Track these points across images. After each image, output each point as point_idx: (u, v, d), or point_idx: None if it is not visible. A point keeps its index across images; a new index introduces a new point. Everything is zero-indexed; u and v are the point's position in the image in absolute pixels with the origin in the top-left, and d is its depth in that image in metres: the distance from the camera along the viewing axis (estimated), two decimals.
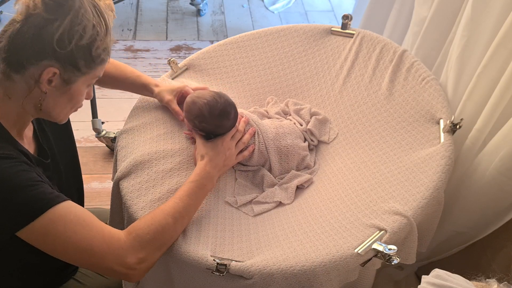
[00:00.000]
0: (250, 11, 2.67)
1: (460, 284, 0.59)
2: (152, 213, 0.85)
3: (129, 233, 0.80)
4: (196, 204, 0.92)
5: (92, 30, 0.75)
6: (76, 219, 0.76)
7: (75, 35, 0.74)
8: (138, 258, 0.79)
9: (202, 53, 1.28)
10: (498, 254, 1.08)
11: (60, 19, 0.73)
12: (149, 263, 0.82)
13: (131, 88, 1.13)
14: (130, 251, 0.78)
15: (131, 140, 1.07)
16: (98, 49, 0.77)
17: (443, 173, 0.94)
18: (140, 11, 2.56)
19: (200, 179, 0.93)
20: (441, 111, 1.05)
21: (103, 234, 0.78)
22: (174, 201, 0.88)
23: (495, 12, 0.99)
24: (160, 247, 0.84)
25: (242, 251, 0.89)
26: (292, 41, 1.30)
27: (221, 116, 1.01)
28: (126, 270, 0.79)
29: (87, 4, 0.75)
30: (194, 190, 0.91)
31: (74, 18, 0.73)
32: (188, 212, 0.89)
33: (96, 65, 0.79)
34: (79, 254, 0.76)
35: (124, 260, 0.78)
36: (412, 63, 1.14)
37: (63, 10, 0.73)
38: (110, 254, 0.77)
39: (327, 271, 0.82)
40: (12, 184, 0.71)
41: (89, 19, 0.75)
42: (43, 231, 0.73)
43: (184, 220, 0.88)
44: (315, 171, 1.13)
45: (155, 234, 0.81)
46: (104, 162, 1.79)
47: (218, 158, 0.99)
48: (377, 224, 0.88)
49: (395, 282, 1.34)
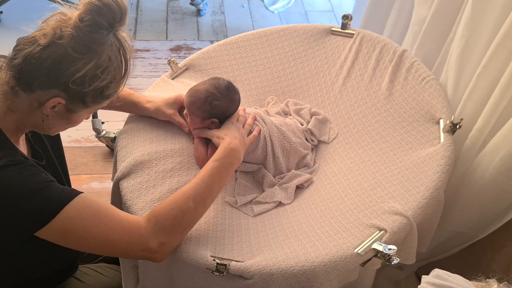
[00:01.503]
0: (250, 11, 2.67)
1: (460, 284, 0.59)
2: (173, 197, 0.84)
3: (149, 219, 0.80)
4: (221, 183, 0.89)
5: (111, 75, 0.75)
6: (92, 212, 0.76)
7: (95, 80, 0.74)
8: (160, 242, 0.79)
9: (202, 53, 1.28)
10: (498, 254, 1.08)
11: (85, 61, 0.73)
12: (171, 245, 0.83)
13: (122, 107, 1.09)
14: (151, 236, 0.79)
15: (131, 140, 1.07)
16: (110, 90, 0.79)
17: (443, 173, 0.94)
18: (140, 11, 2.56)
19: (224, 157, 0.90)
20: (441, 111, 1.05)
21: (122, 223, 0.78)
22: (196, 182, 0.85)
23: (495, 12, 0.99)
24: (182, 230, 0.84)
25: (242, 251, 0.89)
26: (292, 41, 1.30)
27: (229, 89, 1.02)
28: (150, 254, 0.80)
29: (115, 48, 0.75)
30: (218, 170, 0.88)
31: (99, 64, 0.73)
32: (210, 193, 0.87)
33: (103, 101, 0.80)
34: (101, 246, 0.77)
35: (146, 245, 0.78)
36: (412, 63, 1.14)
37: (90, 53, 0.73)
38: (132, 242, 0.78)
39: (327, 271, 0.82)
40: (24, 189, 0.72)
41: (112, 65, 0.75)
42: (62, 229, 0.74)
43: (206, 202, 0.86)
44: (315, 171, 1.13)
45: (175, 219, 0.81)
46: (104, 162, 1.79)
47: (238, 133, 0.97)
48: (377, 224, 0.88)
49: (395, 282, 1.34)
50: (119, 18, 0.75)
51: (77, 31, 0.72)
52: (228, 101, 1.02)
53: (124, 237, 0.78)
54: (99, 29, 0.73)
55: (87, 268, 1.09)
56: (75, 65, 0.72)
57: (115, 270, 1.12)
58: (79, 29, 0.72)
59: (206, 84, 1.02)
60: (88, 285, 1.06)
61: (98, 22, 0.72)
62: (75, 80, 0.73)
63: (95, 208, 0.77)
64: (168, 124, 1.11)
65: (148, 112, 1.09)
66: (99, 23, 0.72)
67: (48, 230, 0.73)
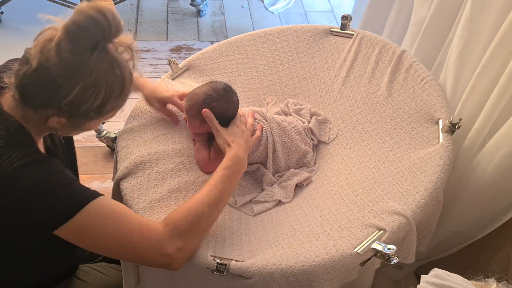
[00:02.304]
0: (250, 11, 2.67)
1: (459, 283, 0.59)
2: (188, 203, 0.85)
3: (166, 224, 0.81)
4: (230, 189, 0.92)
5: (102, 94, 0.74)
6: (113, 213, 0.77)
7: (86, 101, 0.73)
8: (177, 247, 0.80)
9: (202, 54, 1.29)
10: (497, 254, 1.09)
11: (70, 86, 0.71)
12: (189, 251, 0.83)
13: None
14: (169, 241, 0.79)
15: (132, 140, 1.07)
16: (109, 107, 0.77)
17: (442, 173, 0.94)
18: (141, 12, 2.56)
19: (233, 165, 0.93)
20: (440, 111, 1.05)
21: (141, 227, 0.79)
22: (209, 189, 0.87)
23: (494, 12, 1.00)
24: (198, 235, 0.85)
25: (242, 251, 0.89)
26: (291, 42, 1.30)
27: (226, 91, 1.03)
28: (167, 260, 0.80)
29: (105, 66, 0.72)
30: (228, 177, 0.91)
31: (87, 86, 0.71)
32: (223, 198, 0.89)
33: (106, 115, 0.80)
34: (119, 248, 0.78)
35: (164, 250, 0.79)
36: (411, 63, 1.14)
37: (75, 77, 0.71)
38: (150, 246, 0.78)
39: (327, 271, 0.82)
40: (49, 186, 0.73)
41: (102, 84, 0.73)
42: (81, 228, 0.74)
43: (219, 206, 0.89)
44: (315, 170, 1.13)
45: (192, 224, 0.82)
46: (104, 162, 1.79)
47: (242, 141, 0.99)
48: (376, 223, 0.89)
49: (394, 281, 1.34)
50: (107, 34, 0.72)
51: (58, 56, 0.69)
52: (226, 102, 1.03)
53: (142, 240, 0.78)
54: (81, 52, 0.70)
55: (88, 268, 1.10)
56: (62, 90, 0.71)
57: (116, 270, 1.12)
58: (59, 55, 0.69)
59: (204, 88, 1.04)
60: (89, 284, 1.06)
61: (78, 46, 0.70)
62: (66, 103, 0.72)
63: (115, 209, 0.78)
64: (169, 125, 1.11)
65: (143, 94, 1.11)
66: (79, 46, 0.70)
67: (68, 228, 0.73)
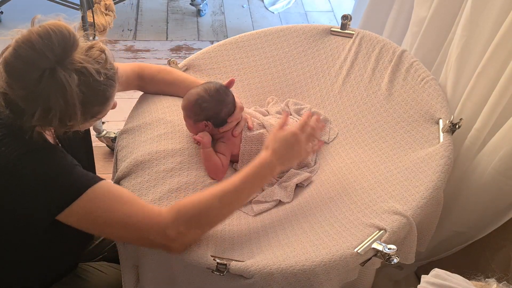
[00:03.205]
0: (250, 11, 2.67)
1: (460, 283, 0.59)
2: (200, 194, 0.85)
3: (171, 208, 0.82)
4: (250, 191, 0.89)
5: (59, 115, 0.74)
6: (115, 197, 0.79)
7: (51, 121, 0.74)
8: (178, 231, 0.80)
9: (202, 54, 1.29)
10: (498, 254, 1.09)
11: (31, 109, 0.72)
12: (189, 238, 0.83)
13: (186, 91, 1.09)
14: (170, 224, 0.79)
15: (132, 140, 1.07)
16: (74, 123, 0.77)
17: (442, 172, 0.94)
18: (141, 11, 2.56)
19: (259, 168, 0.87)
20: (440, 111, 1.05)
21: (143, 209, 0.80)
22: (226, 185, 0.85)
23: (494, 12, 1.00)
24: (202, 226, 0.84)
25: (242, 251, 0.89)
26: (291, 41, 1.30)
27: (219, 92, 1.03)
28: (167, 242, 0.80)
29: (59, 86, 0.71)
30: (250, 178, 0.86)
31: (46, 109, 0.72)
32: (238, 198, 0.86)
33: (93, 117, 0.81)
34: (121, 230, 0.79)
35: (165, 231, 0.79)
36: (411, 63, 1.14)
37: (32, 103, 0.72)
38: (151, 227, 0.79)
39: (327, 271, 0.82)
40: (52, 171, 0.75)
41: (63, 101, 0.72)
42: (85, 211, 0.76)
43: (232, 205, 0.86)
44: (315, 170, 1.13)
45: (198, 212, 0.82)
46: (104, 162, 1.79)
47: (282, 149, 0.89)
48: (376, 223, 0.89)
49: (394, 281, 1.34)
50: (48, 62, 0.70)
51: (10, 89, 0.71)
52: (217, 103, 1.03)
53: (145, 221, 0.79)
54: (27, 85, 0.70)
55: (87, 266, 1.10)
56: (27, 113, 0.73)
57: (116, 269, 1.12)
58: (10, 88, 0.71)
59: (198, 88, 1.05)
60: (88, 283, 1.06)
61: (21, 81, 0.70)
62: (35, 121, 0.73)
63: (117, 193, 0.80)
64: (169, 124, 1.11)
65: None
66: (23, 81, 0.70)
67: (71, 212, 0.75)
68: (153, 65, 1.15)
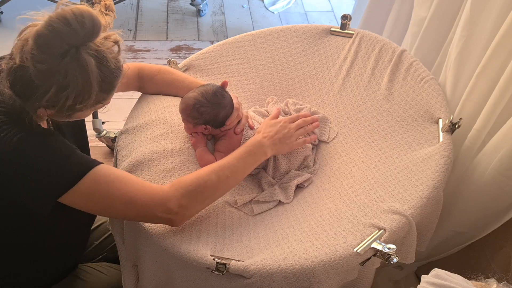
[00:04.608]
0: (250, 11, 2.67)
1: (460, 283, 0.59)
2: (197, 171, 0.91)
3: (172, 184, 0.86)
4: (245, 168, 0.95)
5: (73, 96, 0.74)
6: (116, 177, 0.82)
7: (60, 101, 0.74)
8: (179, 204, 0.84)
9: (202, 54, 1.29)
10: (498, 254, 1.09)
11: (45, 89, 0.73)
12: (190, 212, 0.87)
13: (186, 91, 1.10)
14: (172, 197, 0.84)
15: (131, 140, 1.07)
16: (84, 108, 0.78)
17: (442, 172, 0.94)
18: (141, 12, 2.56)
19: (250, 146, 0.96)
20: (440, 110, 1.05)
21: (144, 187, 0.84)
22: (222, 161, 0.92)
23: (494, 12, 1.00)
24: (202, 200, 0.89)
25: (242, 251, 0.89)
26: (291, 41, 1.30)
27: (216, 95, 1.03)
28: (169, 215, 0.84)
29: (78, 67, 0.73)
30: (243, 155, 0.94)
31: (60, 88, 0.73)
32: (234, 173, 0.92)
33: (93, 106, 0.81)
34: (124, 207, 0.82)
35: (166, 205, 0.83)
36: (411, 63, 1.14)
37: (48, 80, 0.72)
38: (153, 202, 0.83)
39: (327, 270, 0.82)
40: (55, 153, 0.77)
41: (76, 84, 0.74)
42: (88, 191, 0.79)
43: (229, 180, 0.91)
44: (315, 170, 1.13)
45: (197, 186, 0.86)
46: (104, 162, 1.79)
47: (270, 130, 1.01)
48: (376, 223, 0.89)
49: (394, 281, 1.34)
50: (75, 42, 0.72)
51: (32, 62, 0.71)
52: (215, 107, 1.03)
53: (146, 198, 0.82)
54: (51, 59, 0.71)
55: (87, 267, 1.10)
56: (39, 90, 0.73)
57: (115, 269, 1.12)
58: (33, 60, 0.71)
59: (195, 92, 1.04)
60: (88, 284, 1.06)
61: (47, 54, 0.71)
62: (45, 101, 0.74)
63: (118, 174, 0.83)
64: (168, 124, 1.11)
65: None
66: (48, 55, 0.71)
67: (75, 193, 0.78)
68: (152, 65, 1.15)
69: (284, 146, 1.03)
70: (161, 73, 1.14)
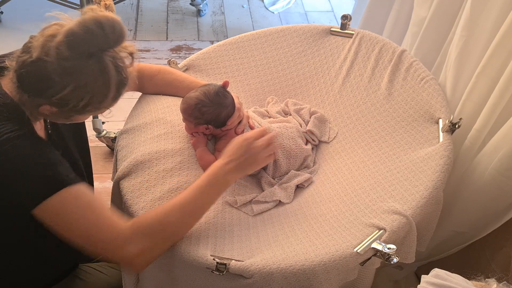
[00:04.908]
0: (250, 11, 2.67)
1: (460, 283, 0.59)
2: (159, 206, 0.85)
3: (133, 223, 0.81)
4: (208, 199, 0.88)
5: (88, 97, 0.76)
6: (87, 202, 0.78)
7: (73, 100, 0.76)
8: (139, 249, 0.79)
9: (202, 54, 1.29)
10: (498, 254, 1.09)
11: (63, 85, 0.74)
12: (150, 256, 0.82)
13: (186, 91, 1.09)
14: (131, 241, 0.79)
15: (132, 140, 1.07)
16: (90, 110, 0.80)
17: (442, 172, 0.94)
18: (141, 12, 2.56)
19: (212, 175, 0.88)
20: (440, 110, 1.05)
21: (110, 222, 0.79)
22: (183, 195, 0.86)
23: (494, 12, 1.00)
24: (163, 241, 0.83)
25: (242, 251, 0.89)
26: (291, 41, 1.30)
27: (218, 95, 1.03)
28: (127, 260, 0.80)
29: (99, 71, 0.75)
30: (204, 188, 0.86)
31: (76, 87, 0.74)
32: (198, 208, 0.86)
33: (97, 110, 0.82)
34: (84, 238, 0.79)
35: (124, 249, 0.78)
36: (411, 63, 1.14)
37: (68, 78, 0.74)
38: (112, 243, 0.78)
39: (327, 270, 0.82)
40: (37, 159, 0.75)
41: (93, 86, 0.75)
42: (55, 210, 0.76)
43: (193, 216, 0.86)
44: (315, 171, 1.13)
45: (158, 226, 0.81)
46: (104, 162, 1.79)
47: (235, 155, 0.90)
48: (376, 223, 0.89)
49: (394, 281, 1.34)
50: (103, 46, 0.74)
51: (57, 57, 0.72)
52: (217, 107, 1.03)
53: (107, 235, 0.78)
54: (77, 58, 0.73)
55: (87, 267, 1.10)
56: (55, 86, 0.74)
57: (116, 269, 1.12)
58: (58, 56, 0.72)
59: (197, 91, 1.04)
60: (89, 284, 1.06)
61: (75, 53, 0.72)
62: (57, 98, 0.75)
63: (90, 199, 0.79)
64: (169, 124, 1.11)
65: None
66: (76, 53, 0.72)
67: (45, 207, 0.75)
68: (152, 65, 1.15)
69: (248, 166, 0.93)
70: (161, 73, 1.14)
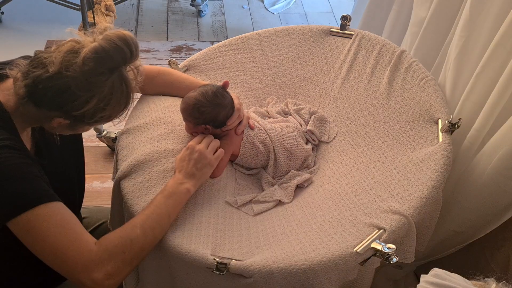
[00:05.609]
0: (250, 12, 2.67)
1: (459, 283, 0.60)
2: (123, 226, 0.84)
3: (100, 244, 0.79)
4: (168, 212, 0.88)
5: (109, 111, 0.80)
6: (59, 222, 0.77)
7: (95, 115, 0.79)
8: (106, 273, 0.77)
9: (202, 54, 1.29)
10: (497, 254, 1.09)
11: (85, 99, 0.76)
12: (117, 279, 0.80)
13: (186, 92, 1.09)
14: (98, 265, 0.77)
15: (132, 140, 1.07)
16: (111, 117, 0.83)
17: (441, 172, 0.95)
18: (141, 12, 2.57)
19: (168, 188, 0.91)
20: (439, 111, 1.05)
21: (80, 244, 0.77)
22: (143, 212, 0.86)
23: (493, 12, 1.00)
24: (130, 261, 0.81)
25: (242, 250, 0.89)
26: (291, 42, 1.31)
27: (216, 95, 1.03)
28: (93, 285, 0.77)
29: (120, 84, 0.78)
30: (162, 200, 0.88)
31: (99, 101, 0.77)
32: (158, 221, 0.85)
33: (107, 120, 0.84)
34: (53, 258, 0.77)
35: (92, 274, 0.77)
36: (410, 63, 1.14)
37: (91, 93, 0.76)
38: (80, 266, 0.77)
39: (326, 270, 0.82)
40: (10, 173, 0.74)
41: (114, 99, 0.78)
42: (27, 226, 0.75)
43: (155, 230, 0.85)
44: (315, 171, 1.13)
45: (123, 247, 0.80)
46: (105, 162, 1.80)
47: (182, 164, 0.95)
48: (376, 223, 0.89)
49: (394, 281, 1.34)
50: (128, 59, 0.79)
51: (82, 71, 0.74)
52: (215, 107, 1.03)
53: (75, 257, 0.76)
54: (102, 72, 0.76)
55: None
56: (76, 101, 0.76)
57: None
58: (83, 70, 0.74)
59: (196, 92, 1.04)
60: None
61: (101, 67, 0.75)
62: (78, 114, 0.77)
63: (64, 219, 0.78)
64: (169, 124, 1.11)
65: None
66: (102, 68, 0.75)
67: (17, 222, 0.74)
68: (151, 66, 1.15)
69: (205, 170, 0.96)
70: (160, 75, 1.14)
